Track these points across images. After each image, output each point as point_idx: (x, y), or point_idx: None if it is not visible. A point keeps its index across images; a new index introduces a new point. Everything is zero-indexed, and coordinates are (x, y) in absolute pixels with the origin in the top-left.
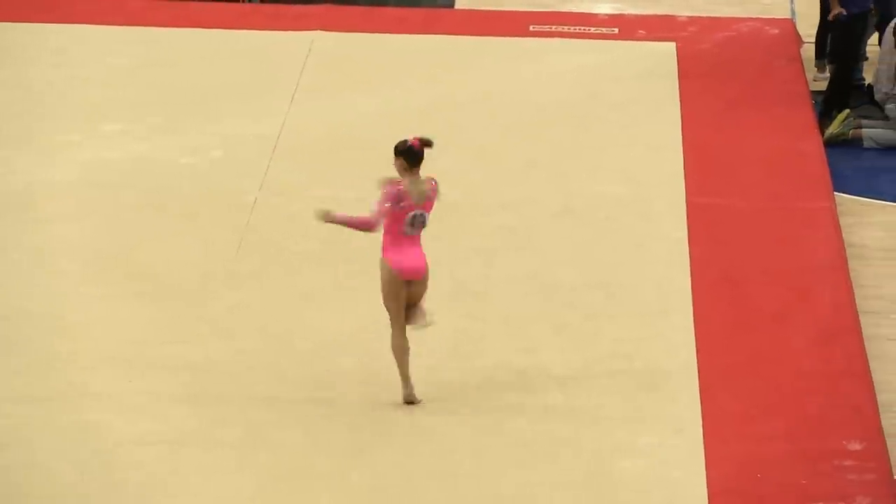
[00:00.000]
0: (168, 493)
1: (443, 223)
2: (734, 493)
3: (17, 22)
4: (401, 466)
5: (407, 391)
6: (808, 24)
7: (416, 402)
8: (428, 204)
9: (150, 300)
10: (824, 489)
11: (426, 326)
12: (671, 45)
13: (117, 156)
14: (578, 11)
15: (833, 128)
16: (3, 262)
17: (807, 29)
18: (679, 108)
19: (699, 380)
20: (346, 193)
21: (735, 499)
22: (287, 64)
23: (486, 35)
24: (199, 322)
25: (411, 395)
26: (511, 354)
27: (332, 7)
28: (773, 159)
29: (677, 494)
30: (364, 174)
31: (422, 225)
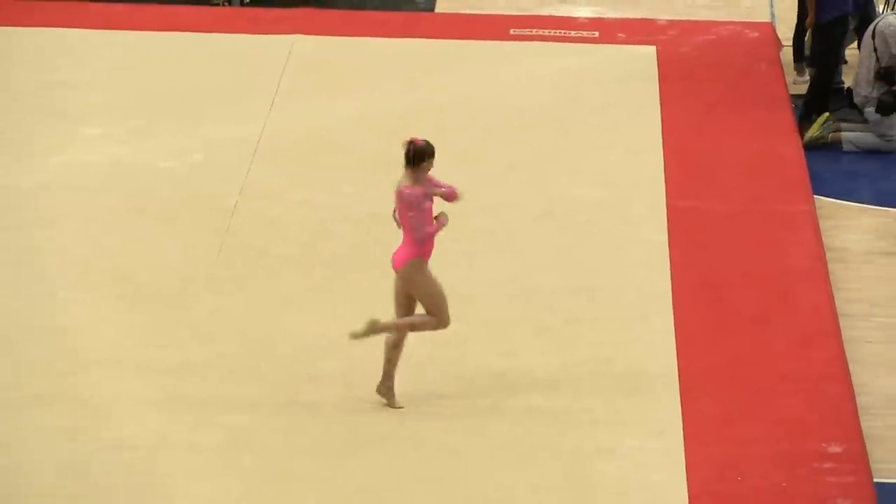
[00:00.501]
0: (151, 497)
1: None
2: (714, 495)
3: None
4: (383, 469)
5: (387, 388)
6: (787, 28)
7: (395, 405)
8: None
9: (130, 304)
10: (804, 491)
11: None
12: (651, 49)
13: (97, 159)
14: (559, 15)
15: (813, 131)
16: None
17: (786, 32)
18: (659, 111)
19: (679, 383)
20: (326, 197)
21: (715, 501)
22: (267, 67)
23: (467, 38)
24: (180, 326)
25: (391, 394)
26: (492, 357)
27: (312, 10)
28: (753, 162)
29: (657, 497)
30: (344, 177)
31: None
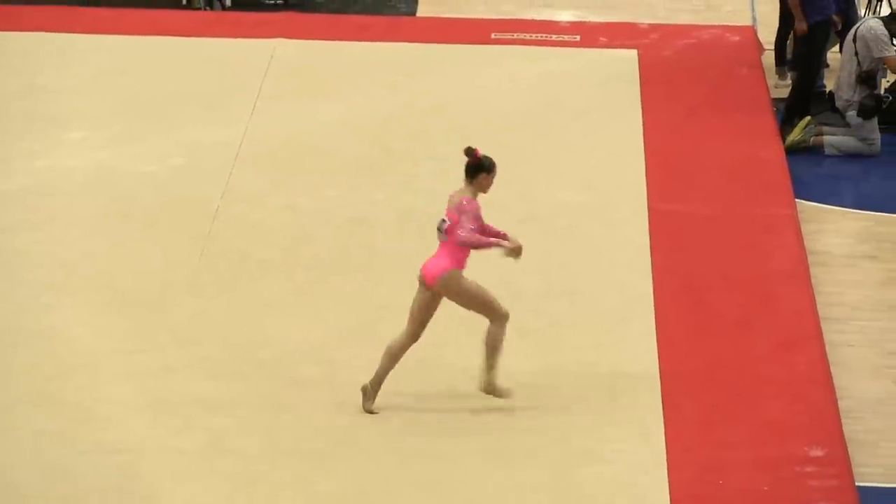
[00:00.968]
0: (136, 500)
1: (404, 232)
2: (697, 498)
3: None
4: (366, 472)
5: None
6: (769, 32)
7: (373, 410)
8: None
9: (111, 309)
10: (786, 495)
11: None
12: (633, 53)
13: (80, 163)
14: (540, 19)
15: (794, 135)
16: None
17: (768, 36)
18: (641, 114)
19: (661, 386)
20: (308, 201)
21: None
22: (249, 72)
23: (448, 43)
24: (161, 330)
25: (371, 400)
26: (475, 361)
27: (293, 14)
28: (735, 166)
29: (640, 500)
30: (326, 181)
31: (440, 231)
